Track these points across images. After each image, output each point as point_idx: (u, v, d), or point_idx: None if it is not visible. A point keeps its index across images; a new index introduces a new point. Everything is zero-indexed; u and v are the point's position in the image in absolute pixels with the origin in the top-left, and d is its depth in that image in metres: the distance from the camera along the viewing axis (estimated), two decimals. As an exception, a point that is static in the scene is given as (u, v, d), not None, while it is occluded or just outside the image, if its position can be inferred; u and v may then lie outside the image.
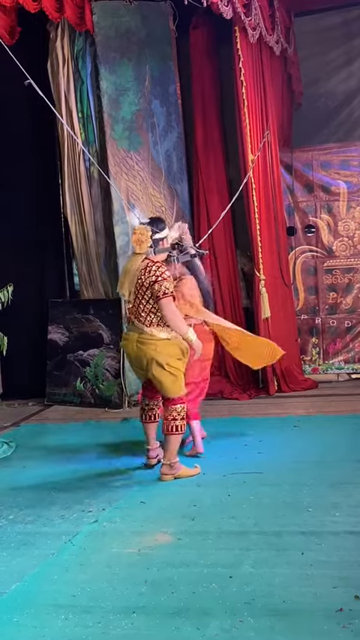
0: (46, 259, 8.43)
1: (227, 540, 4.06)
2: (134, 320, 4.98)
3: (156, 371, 4.92)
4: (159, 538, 4.16)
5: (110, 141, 7.57)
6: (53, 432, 6.77)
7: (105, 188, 7.73)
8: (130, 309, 5.00)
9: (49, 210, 8.20)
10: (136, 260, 4.93)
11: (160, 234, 4.97)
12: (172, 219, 8.05)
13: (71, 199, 7.82)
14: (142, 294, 4.92)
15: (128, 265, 4.99)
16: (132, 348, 4.98)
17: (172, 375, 4.94)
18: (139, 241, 4.88)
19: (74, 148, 7.76)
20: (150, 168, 7.85)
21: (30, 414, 7.60)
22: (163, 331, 4.92)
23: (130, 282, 4.93)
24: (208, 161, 8.10)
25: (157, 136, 7.94)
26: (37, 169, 8.25)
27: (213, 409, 7.36)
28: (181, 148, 8.28)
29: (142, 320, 4.92)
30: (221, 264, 8.11)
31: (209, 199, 8.08)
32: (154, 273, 4.85)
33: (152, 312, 4.90)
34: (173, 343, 4.95)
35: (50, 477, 5.30)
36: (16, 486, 5.24)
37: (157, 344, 4.91)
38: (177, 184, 8.22)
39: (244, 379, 8.06)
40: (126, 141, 7.67)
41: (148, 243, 4.87)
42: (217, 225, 7.38)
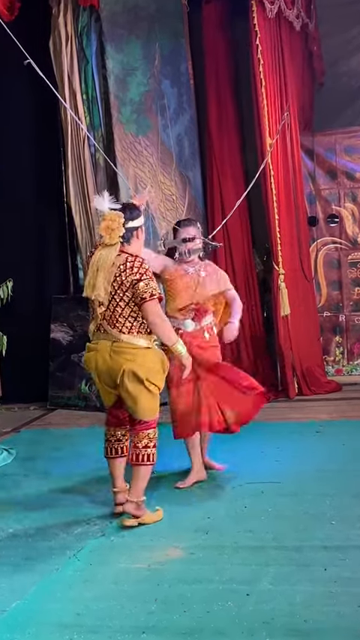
0: (49, 252, 8.44)
1: (244, 555, 4.06)
2: (107, 326, 4.48)
3: (132, 386, 4.43)
4: (170, 553, 4.16)
5: (117, 125, 7.57)
6: (56, 438, 6.78)
7: (111, 176, 7.73)
8: (102, 313, 4.48)
9: (51, 199, 8.21)
10: (109, 253, 4.43)
11: (134, 223, 4.51)
12: (183, 208, 8.05)
13: (75, 188, 7.82)
14: (121, 296, 4.43)
15: (99, 260, 4.45)
16: (103, 359, 4.47)
17: (150, 394, 4.47)
18: (108, 229, 4.41)
19: (78, 133, 7.76)
20: (160, 154, 7.85)
21: (31, 419, 7.62)
22: (142, 339, 4.46)
23: (105, 281, 4.41)
24: (223, 146, 8.09)
25: (168, 119, 7.93)
26: (39, 156, 8.26)
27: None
28: (193, 131, 8.27)
29: (119, 326, 4.44)
30: (237, 257, 8.10)
31: (224, 187, 8.07)
32: (138, 271, 4.39)
33: (132, 317, 4.44)
34: (155, 353, 4.51)
35: (54, 487, 5.31)
36: (17, 496, 5.25)
37: (137, 353, 4.43)
38: (189, 171, 8.21)
39: (262, 381, 8.02)
40: (134, 124, 7.67)
41: (119, 232, 4.42)
42: (233, 215, 7.37)
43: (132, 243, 4.52)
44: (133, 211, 4.55)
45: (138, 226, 4.56)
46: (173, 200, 8.00)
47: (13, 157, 8.10)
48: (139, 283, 4.38)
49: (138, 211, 4.58)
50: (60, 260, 8.41)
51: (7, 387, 8.34)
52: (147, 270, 4.43)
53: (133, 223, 4.51)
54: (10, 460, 6.14)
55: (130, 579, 3.87)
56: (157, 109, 7.83)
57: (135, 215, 4.54)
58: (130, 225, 4.49)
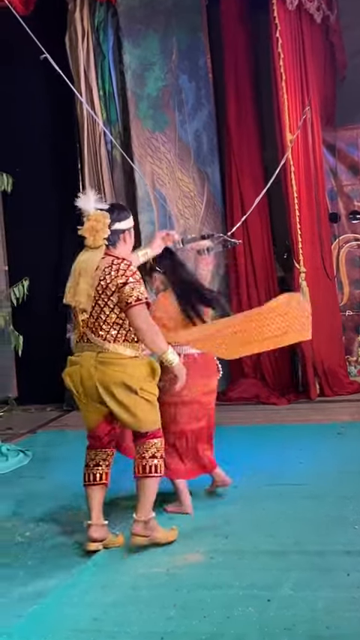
0: (65, 250, 8.44)
1: (265, 560, 4.04)
2: (90, 335, 4.18)
3: (126, 398, 4.13)
4: (189, 557, 4.16)
5: (134, 120, 7.58)
6: (73, 440, 6.74)
7: (128, 172, 7.74)
8: (84, 321, 4.19)
9: (67, 196, 8.17)
10: (93, 257, 4.15)
11: (121, 225, 4.23)
12: (202, 205, 8.04)
13: (91, 185, 7.83)
14: (105, 301, 4.13)
15: (82, 264, 4.18)
16: (88, 372, 4.15)
17: (147, 403, 4.19)
18: (93, 230, 4.14)
19: (95, 129, 7.78)
20: (177, 150, 7.85)
21: (48, 420, 7.65)
22: (129, 348, 4.17)
23: (88, 286, 4.12)
24: (242, 141, 8.07)
25: (186, 114, 7.93)
26: (54, 152, 8.29)
27: (248, 416, 7.34)
28: (211, 127, 8.26)
29: (104, 335, 4.14)
30: (256, 255, 8.08)
31: (243, 183, 8.05)
32: (124, 273, 4.10)
33: (118, 324, 4.15)
34: (144, 362, 4.21)
35: (70, 489, 5.29)
36: (33, 499, 5.27)
37: (126, 364, 4.14)
38: (207, 167, 8.20)
39: (283, 382, 8.03)
40: (151, 120, 7.68)
41: (104, 234, 4.15)
42: (252, 212, 7.34)
43: (118, 247, 4.23)
44: (121, 212, 4.29)
45: (126, 229, 4.27)
46: (191, 197, 7.99)
47: (29, 154, 8.13)
48: (125, 287, 4.08)
49: (127, 212, 4.33)
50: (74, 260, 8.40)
51: (23, 387, 8.38)
52: (134, 273, 4.13)
53: (120, 225, 4.23)
54: (27, 462, 6.17)
55: (148, 584, 3.87)
56: (174, 104, 7.83)
57: (123, 216, 4.26)
58: (116, 226, 4.21)
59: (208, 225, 8.11)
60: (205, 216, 8.11)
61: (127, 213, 4.33)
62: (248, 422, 7.08)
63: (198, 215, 8.02)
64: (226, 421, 7.14)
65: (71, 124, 7.97)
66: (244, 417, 7.27)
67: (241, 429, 6.78)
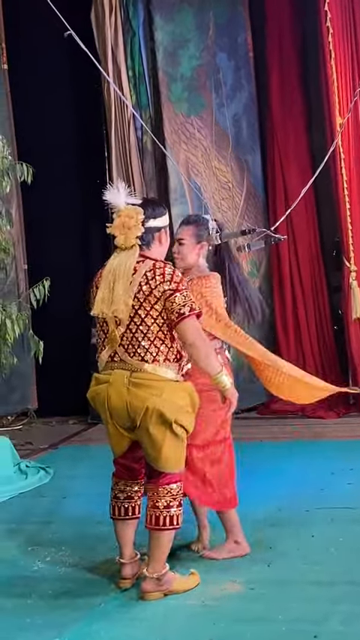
0: (90, 248, 8.49)
1: (311, 591, 4.01)
2: (124, 354, 3.99)
3: (156, 429, 3.96)
4: (227, 587, 4.13)
5: (166, 103, 7.59)
6: (98, 456, 6.72)
7: (160, 161, 7.75)
8: (121, 335, 3.99)
9: (92, 188, 8.24)
10: (128, 259, 4.01)
11: (156, 222, 4.09)
12: (241, 196, 8.02)
13: (119, 175, 7.85)
14: (148, 311, 3.95)
15: (115, 268, 4.03)
16: (118, 393, 3.98)
17: (177, 439, 4.01)
18: (124, 228, 4.02)
19: (123, 114, 7.80)
20: (214, 136, 7.84)
21: (71, 434, 7.69)
22: (170, 369, 3.98)
23: (126, 293, 3.94)
24: (287, 126, 8.06)
25: (224, 96, 7.92)
26: (79, 140, 8.34)
27: (292, 430, 7.32)
28: (252, 110, 8.25)
29: (142, 352, 3.95)
30: (302, 252, 8.06)
31: (287, 173, 8.04)
32: (171, 279, 3.94)
33: (160, 339, 3.95)
34: (183, 387, 4.02)
35: (95, 510, 5.27)
36: (54, 521, 5.27)
37: (164, 388, 3.95)
38: (247, 155, 8.19)
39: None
40: (185, 103, 7.68)
41: (136, 232, 4.01)
42: (297, 205, 7.31)
43: (153, 247, 4.09)
44: (157, 208, 4.15)
45: (161, 227, 4.12)
46: (229, 188, 7.98)
47: (51, 141, 8.18)
48: (176, 295, 3.91)
49: (162, 208, 4.18)
50: (102, 257, 8.39)
51: (43, 398, 8.40)
52: (182, 279, 3.98)
53: (155, 222, 4.09)
54: (48, 480, 6.19)
55: (181, 617, 3.85)
56: (211, 85, 7.83)
57: (158, 213, 4.12)
58: (151, 224, 4.07)
59: (249, 219, 8.10)
60: (244, 209, 8.10)
61: (162, 209, 4.19)
62: (292, 437, 7.07)
63: (237, 208, 8.00)
64: (267, 436, 7.14)
65: (98, 109, 8.00)
66: (288, 432, 7.28)
67: (284, 446, 6.79)
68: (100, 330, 4.09)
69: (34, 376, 8.41)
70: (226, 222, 7.81)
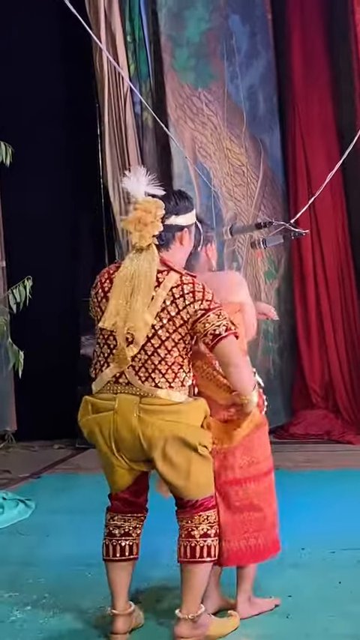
0: (79, 244, 8.48)
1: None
2: (132, 375, 4.00)
3: (181, 457, 4.01)
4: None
5: (170, 73, 7.58)
6: (87, 487, 6.76)
7: (162, 141, 7.74)
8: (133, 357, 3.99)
9: (83, 176, 8.27)
10: (148, 265, 3.99)
11: (179, 219, 4.07)
12: (257, 182, 8.01)
13: (113, 161, 7.83)
14: (170, 334, 3.97)
15: (131, 273, 4.01)
16: (126, 421, 3.99)
17: (203, 461, 4.08)
18: (140, 224, 3.97)
19: (119, 86, 7.78)
20: (226, 112, 7.84)
21: (55, 461, 7.66)
22: (180, 392, 4.01)
23: (147, 309, 3.96)
24: (311, 100, 8.06)
25: (237, 65, 7.92)
26: (66, 116, 8.32)
27: (316, 458, 7.34)
28: (270, 82, 8.25)
29: (157, 377, 3.97)
30: (328, 247, 8.05)
31: (311, 155, 8.03)
32: (203, 297, 3.96)
33: (178, 364, 3.98)
34: (197, 405, 4.07)
35: (83, 551, 5.26)
36: (35, 563, 5.24)
37: (179, 410, 4.00)
38: (264, 134, 8.18)
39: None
40: (192, 73, 7.67)
41: (154, 230, 3.97)
42: (323, 193, 7.30)
43: (172, 249, 4.08)
44: (181, 201, 4.11)
45: (185, 225, 4.10)
46: (243, 173, 7.97)
47: (34, 118, 8.16)
48: (209, 314, 3.93)
49: (188, 203, 4.14)
50: (93, 254, 8.44)
51: (24, 418, 8.39)
52: (214, 296, 3.99)
53: (177, 219, 4.06)
54: (28, 515, 6.18)
55: None
56: (222, 52, 7.82)
57: (183, 207, 4.09)
58: (172, 221, 4.04)
59: (266, 210, 8.09)
60: (261, 197, 8.09)
61: (188, 203, 4.14)
62: (316, 466, 7.06)
63: (252, 196, 7.99)
64: (288, 464, 7.11)
65: (88, 81, 7.98)
66: (312, 460, 7.27)
67: (307, 475, 6.79)
68: (103, 342, 4.06)
69: (12, 392, 8.39)
70: (240, 214, 7.81)
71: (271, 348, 8.20)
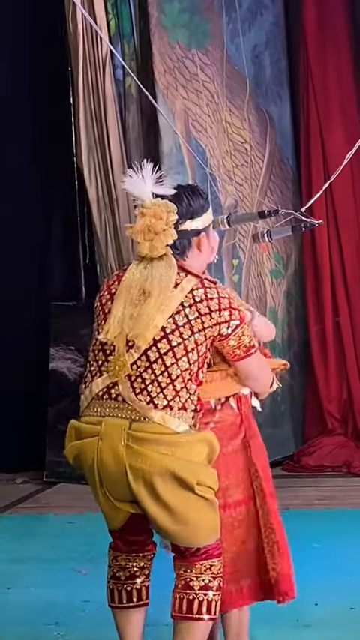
0: (49, 238, 8.49)
1: None
2: (127, 388, 4.02)
3: (174, 497, 4.00)
4: None
5: (157, 31, 7.57)
6: (57, 530, 6.80)
7: (148, 114, 7.74)
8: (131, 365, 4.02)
9: (53, 157, 8.28)
10: (163, 270, 4.07)
11: (195, 222, 4.15)
12: (262, 163, 8.01)
13: (89, 139, 7.83)
14: (181, 341, 4.01)
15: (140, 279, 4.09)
16: (112, 450, 4.00)
17: (205, 503, 4.06)
18: (150, 232, 4.03)
19: (96, 48, 7.78)
20: (225, 78, 7.85)
21: (18, 498, 7.65)
22: (183, 420, 4.02)
23: (160, 313, 4.02)
24: (326, 64, 8.07)
25: (239, 21, 7.92)
26: (34, 86, 8.33)
27: (333, 494, 7.37)
28: (279, 41, 8.27)
29: (153, 392, 3.99)
30: (346, 238, 8.06)
31: (327, 131, 8.05)
32: (229, 305, 4.06)
33: (182, 381, 4.01)
34: (200, 439, 4.08)
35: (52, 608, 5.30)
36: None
37: (176, 442, 3.99)
38: (271, 105, 8.20)
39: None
40: (184, 31, 7.68)
41: (167, 239, 4.02)
42: (341, 175, 7.30)
43: (189, 256, 4.15)
44: (195, 199, 4.16)
45: (202, 229, 4.18)
46: (246, 151, 7.97)
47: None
48: (243, 327, 4.08)
49: (202, 200, 4.20)
50: (65, 250, 8.46)
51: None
52: (239, 308, 4.12)
53: (192, 224, 4.14)
54: (-15, 563, 6.17)
55: None
56: (221, 5, 7.82)
57: (198, 207, 4.15)
58: (186, 226, 4.12)
59: (273, 195, 8.09)
60: (267, 180, 8.09)
61: (203, 201, 4.20)
62: (332, 504, 7.09)
63: (257, 178, 7.99)
64: (298, 502, 7.13)
65: (60, 42, 7.98)
66: (327, 497, 7.30)
67: (321, 515, 6.82)
68: (98, 350, 4.09)
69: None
70: (242, 200, 7.81)
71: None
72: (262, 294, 8.00)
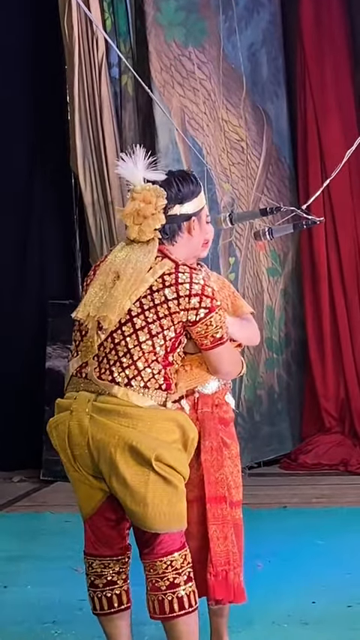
0: (45, 237, 8.50)
1: None
2: (93, 368, 4.09)
3: (133, 472, 4.00)
4: None
5: (154, 29, 7.57)
6: (54, 528, 6.81)
7: (145, 111, 7.74)
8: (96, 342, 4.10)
9: (49, 157, 8.29)
10: (143, 256, 4.11)
11: (185, 207, 4.19)
12: (259, 161, 8.01)
13: (84, 140, 7.81)
14: (146, 324, 4.05)
15: (120, 263, 4.13)
16: (80, 424, 4.05)
17: (165, 484, 4.03)
18: (139, 216, 4.08)
19: (92, 46, 7.78)
20: (222, 76, 7.84)
21: (16, 497, 7.66)
22: (148, 396, 4.06)
23: (128, 295, 4.04)
24: (324, 61, 8.07)
25: (235, 19, 7.92)
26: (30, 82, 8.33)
27: (330, 492, 7.36)
28: (275, 39, 8.26)
29: (116, 371, 4.05)
30: (344, 237, 8.06)
31: (324, 128, 8.05)
32: (202, 291, 4.05)
33: (145, 361, 4.04)
34: (170, 417, 4.10)
35: (49, 606, 5.31)
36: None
37: (139, 416, 4.01)
38: (268, 102, 8.19)
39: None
40: (181, 29, 7.67)
41: (155, 224, 4.08)
42: (340, 173, 7.28)
43: (178, 242, 4.20)
44: (185, 185, 4.19)
45: (192, 213, 4.21)
46: (242, 149, 7.97)
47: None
48: (212, 315, 4.06)
49: (194, 185, 4.23)
50: (61, 250, 8.47)
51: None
52: (214, 292, 4.14)
53: (182, 208, 4.18)
54: (-18, 562, 6.16)
55: None
56: (218, 3, 7.82)
57: (187, 194, 4.19)
58: (177, 210, 4.16)
59: (270, 193, 8.08)
60: (263, 178, 8.08)
61: (194, 187, 4.23)
62: (330, 502, 7.07)
63: (253, 177, 7.99)
64: (296, 501, 7.14)
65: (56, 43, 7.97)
66: (325, 495, 7.28)
67: (319, 514, 6.80)
68: (76, 330, 4.19)
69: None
70: (238, 198, 7.81)
71: (277, 360, 8.18)
72: (258, 292, 7.99)
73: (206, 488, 4.28)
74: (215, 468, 4.30)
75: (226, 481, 4.32)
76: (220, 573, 4.25)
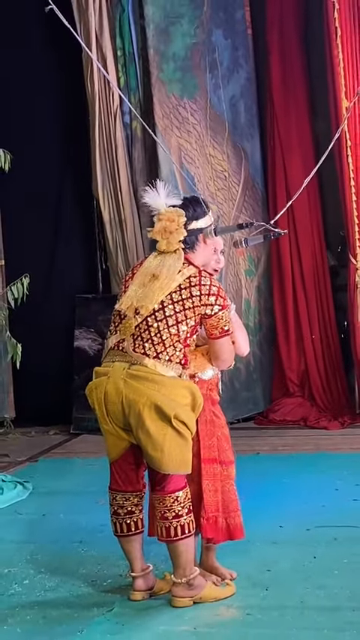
0: (72, 244, 8.49)
1: (313, 617, 4.00)
2: (130, 343, 4.20)
3: (155, 426, 4.11)
4: (221, 613, 4.12)
5: (157, 85, 7.58)
6: (81, 470, 6.81)
7: (150, 149, 7.74)
8: (133, 324, 4.21)
9: (76, 184, 8.30)
10: (173, 262, 4.26)
11: (199, 223, 4.34)
12: (238, 187, 8.00)
13: (103, 173, 7.85)
14: (174, 313, 4.17)
15: (153, 267, 4.29)
16: (115, 386, 4.16)
17: (179, 437, 4.15)
18: (166, 232, 4.26)
19: (109, 99, 7.79)
20: (209, 121, 7.84)
21: (51, 446, 7.67)
22: (170, 368, 4.17)
23: (162, 290, 4.19)
24: (288, 110, 8.04)
25: (220, 77, 7.91)
26: (60, 125, 8.33)
27: (293, 442, 7.33)
28: (251, 93, 8.24)
29: (148, 347, 4.15)
30: (305, 248, 8.04)
31: (289, 161, 8.02)
32: (217, 293, 4.22)
33: (170, 343, 4.16)
34: (185, 385, 4.22)
35: (77, 530, 5.31)
36: (32, 540, 5.26)
37: (163, 382, 4.13)
38: (245, 141, 8.17)
39: (336, 402, 7.99)
40: (178, 84, 7.67)
41: (179, 236, 4.25)
42: (300, 196, 7.29)
43: (197, 250, 4.36)
44: (198, 207, 4.37)
45: (204, 227, 4.37)
46: (225, 177, 7.96)
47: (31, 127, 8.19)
48: (224, 311, 4.23)
49: (204, 207, 4.39)
50: (86, 256, 8.47)
51: (22, 406, 8.38)
52: (226, 298, 4.30)
53: (197, 224, 4.34)
54: (26, 496, 6.17)
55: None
56: (206, 65, 7.81)
57: (200, 212, 4.36)
58: (193, 225, 4.32)
59: (246, 212, 8.08)
60: (242, 200, 8.08)
61: (204, 208, 4.42)
62: (293, 449, 7.06)
63: (234, 199, 7.98)
64: (267, 449, 7.13)
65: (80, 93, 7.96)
66: (289, 444, 7.27)
67: (284, 458, 6.79)
68: (116, 315, 4.32)
69: (11, 382, 8.38)
70: (222, 216, 7.82)
71: (252, 341, 8.13)
72: (238, 288, 8.00)
73: (201, 452, 4.35)
74: (209, 436, 4.38)
75: (217, 446, 4.40)
76: (210, 518, 4.35)
